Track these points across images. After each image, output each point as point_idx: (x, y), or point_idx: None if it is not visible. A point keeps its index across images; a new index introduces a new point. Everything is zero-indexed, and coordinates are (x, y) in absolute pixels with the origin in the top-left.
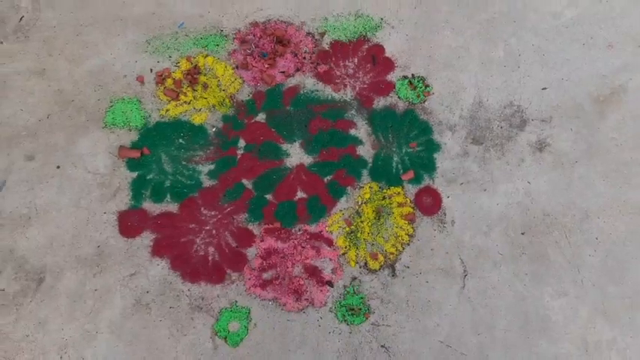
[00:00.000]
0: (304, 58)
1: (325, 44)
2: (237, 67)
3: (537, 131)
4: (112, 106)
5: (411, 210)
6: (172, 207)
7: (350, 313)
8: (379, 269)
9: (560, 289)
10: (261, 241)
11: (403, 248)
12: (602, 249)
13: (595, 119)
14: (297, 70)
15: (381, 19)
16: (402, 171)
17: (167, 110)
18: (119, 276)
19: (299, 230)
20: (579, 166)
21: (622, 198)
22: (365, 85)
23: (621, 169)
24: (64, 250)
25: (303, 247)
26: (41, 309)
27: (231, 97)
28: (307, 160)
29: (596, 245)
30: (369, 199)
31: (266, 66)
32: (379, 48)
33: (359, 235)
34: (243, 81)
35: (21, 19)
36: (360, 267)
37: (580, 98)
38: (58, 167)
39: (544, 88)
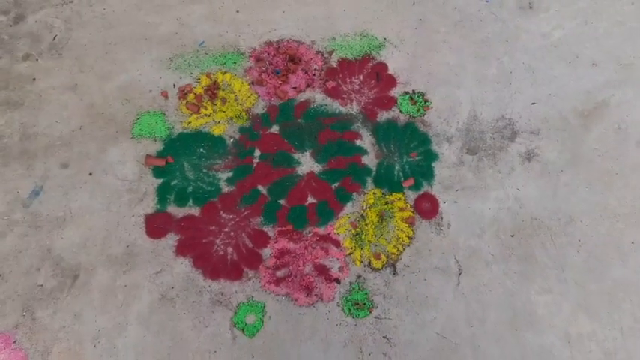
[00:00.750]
0: (314, 74)
1: (333, 62)
2: (252, 83)
3: (526, 142)
4: (138, 119)
5: (411, 214)
6: (194, 211)
7: (355, 307)
8: (382, 268)
9: (545, 286)
10: (275, 242)
11: (404, 249)
12: (585, 250)
13: (579, 132)
14: (308, 85)
15: (385, 39)
16: (403, 179)
17: (189, 122)
18: (146, 273)
19: (309, 232)
20: (564, 175)
21: (603, 204)
22: (369, 100)
23: (603, 178)
24: (97, 250)
25: (313, 248)
26: (76, 302)
27: (247, 110)
28: (317, 168)
29: (578, 247)
30: (373, 204)
31: (279, 82)
32: (383, 66)
33: (364, 236)
34: (259, 96)
35: (54, 37)
36: (365, 266)
37: (566, 112)
38: (91, 174)
39: (533, 103)
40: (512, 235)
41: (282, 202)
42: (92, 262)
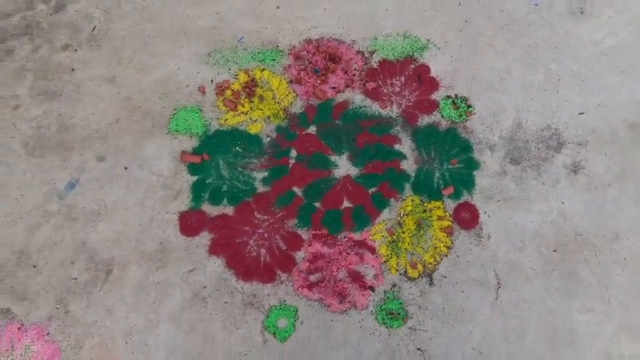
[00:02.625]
0: (354, 75)
1: (374, 62)
2: (291, 82)
3: (573, 154)
4: (175, 114)
5: (450, 223)
6: (228, 210)
7: (389, 316)
8: (418, 277)
9: (587, 304)
10: (309, 245)
11: (441, 259)
12: (630, 269)
13: (629, 145)
14: (347, 86)
15: (428, 40)
16: (442, 186)
17: (226, 119)
18: (179, 271)
19: (344, 237)
20: (612, 190)
21: None
22: (410, 103)
23: None
24: (130, 245)
25: (347, 254)
26: (109, 298)
27: (285, 109)
28: (354, 171)
29: (624, 265)
30: (410, 211)
31: (318, 81)
32: (425, 68)
33: (400, 244)
34: (297, 95)
35: (94, 28)
36: (400, 275)
37: (615, 124)
38: (126, 168)
39: (581, 113)
40: (554, 250)
41: (317, 204)
42: (125, 258)
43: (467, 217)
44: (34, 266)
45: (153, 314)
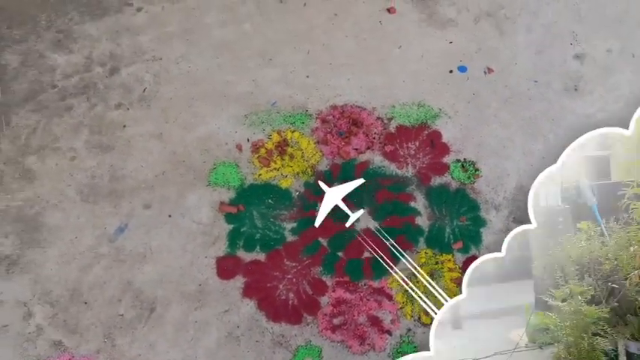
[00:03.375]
0: (374, 138)
1: (392, 128)
2: (318, 142)
3: None
4: (214, 168)
5: (460, 275)
6: (261, 256)
7: None
8: (431, 323)
9: None
10: (333, 291)
11: None
12: None
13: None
14: (368, 148)
15: (440, 109)
16: (452, 241)
17: (259, 175)
18: (215, 311)
19: (364, 285)
20: None
21: None
22: (424, 165)
23: None
24: (172, 286)
25: (367, 300)
26: (151, 334)
27: (312, 167)
28: (373, 225)
29: None
30: (424, 262)
31: (342, 143)
32: (437, 134)
33: (414, 293)
34: (323, 154)
35: (144, 90)
36: (415, 320)
37: None
38: (170, 216)
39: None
40: None
41: (340, 254)
42: (168, 298)
43: None
44: (85, 303)
45: (191, 350)
